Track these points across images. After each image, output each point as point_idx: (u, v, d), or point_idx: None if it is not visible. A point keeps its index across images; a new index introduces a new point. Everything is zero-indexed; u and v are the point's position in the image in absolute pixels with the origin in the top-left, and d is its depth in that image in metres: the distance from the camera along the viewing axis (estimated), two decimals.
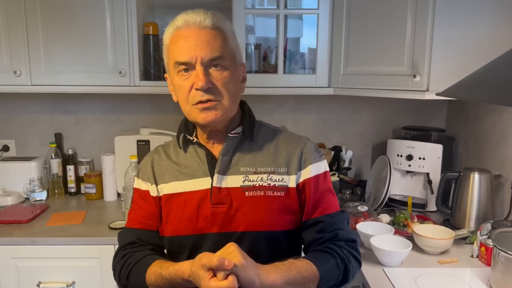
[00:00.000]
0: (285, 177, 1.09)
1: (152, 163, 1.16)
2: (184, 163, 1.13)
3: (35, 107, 2.28)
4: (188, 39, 1.01)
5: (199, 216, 1.07)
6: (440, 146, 1.96)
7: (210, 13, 1.05)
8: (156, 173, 1.14)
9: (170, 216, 1.10)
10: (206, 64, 1.01)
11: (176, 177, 1.12)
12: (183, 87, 1.03)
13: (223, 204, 1.07)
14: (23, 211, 1.93)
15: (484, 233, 1.50)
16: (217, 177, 1.08)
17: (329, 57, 1.89)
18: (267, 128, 1.18)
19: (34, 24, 1.84)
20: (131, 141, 2.11)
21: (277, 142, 1.14)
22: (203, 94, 1.01)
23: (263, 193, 1.07)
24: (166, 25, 2.13)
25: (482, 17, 1.55)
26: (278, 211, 1.08)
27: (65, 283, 1.69)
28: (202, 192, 1.09)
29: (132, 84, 1.90)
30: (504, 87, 0.95)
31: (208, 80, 1.01)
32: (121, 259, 1.11)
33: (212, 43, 1.01)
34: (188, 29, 1.02)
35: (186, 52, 1.01)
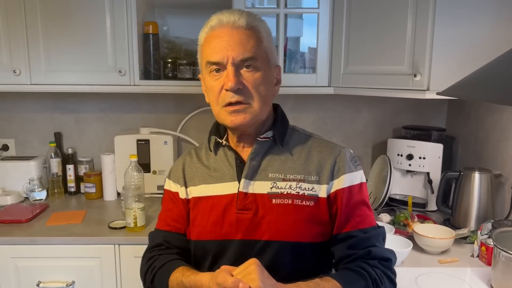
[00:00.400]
0: (316, 186, 1.04)
1: (183, 165, 1.16)
2: (214, 166, 1.12)
3: (34, 106, 2.28)
4: (221, 39, 1.00)
5: (224, 221, 1.05)
6: (441, 145, 1.96)
7: (245, 13, 1.03)
8: (186, 175, 1.14)
9: (197, 219, 1.09)
10: (238, 64, 1.00)
11: (205, 180, 1.11)
12: (214, 88, 1.02)
13: (249, 210, 1.04)
14: (23, 210, 1.93)
15: (484, 233, 1.50)
16: (244, 182, 1.06)
17: (329, 56, 1.89)
18: (300, 133, 1.14)
19: (33, 23, 1.84)
20: (131, 141, 2.11)
21: (309, 148, 1.10)
22: (232, 95, 0.99)
23: (291, 202, 1.03)
24: (166, 24, 2.17)
25: (482, 17, 1.54)
26: (306, 221, 1.03)
27: (65, 282, 1.69)
28: (229, 196, 1.07)
29: (132, 84, 1.90)
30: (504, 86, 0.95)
31: (238, 80, 0.99)
32: (147, 262, 1.12)
33: (245, 43, 0.99)
34: (222, 29, 1.01)
35: (217, 52, 0.99)
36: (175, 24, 2.19)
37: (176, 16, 2.20)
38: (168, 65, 2.04)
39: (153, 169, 2.13)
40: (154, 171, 2.13)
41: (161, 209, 1.19)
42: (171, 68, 2.04)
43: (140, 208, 1.72)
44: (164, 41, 2.12)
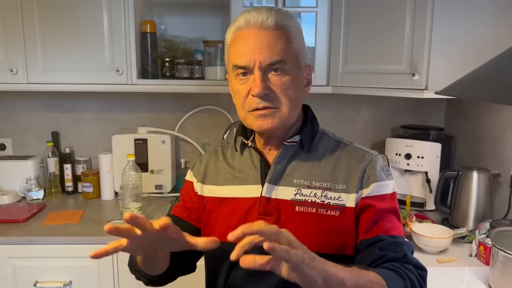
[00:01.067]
0: (343, 195, 0.98)
1: (207, 161, 1.13)
2: (238, 166, 1.08)
3: (32, 105, 2.27)
4: (248, 41, 0.94)
5: None
6: (439, 145, 1.96)
7: (274, 11, 0.97)
8: (208, 172, 1.11)
9: (219, 220, 1.05)
10: (265, 68, 0.94)
11: (229, 181, 1.07)
12: (240, 92, 0.97)
13: (271, 216, 0.99)
14: (20, 210, 1.92)
15: (482, 232, 1.50)
16: (267, 187, 1.01)
17: (327, 56, 1.88)
18: (330, 138, 1.08)
19: (30, 22, 1.83)
20: (128, 140, 2.10)
21: (338, 155, 1.04)
22: (259, 101, 0.95)
23: (315, 211, 0.98)
24: (163, 23, 2.17)
25: (481, 15, 1.54)
26: (330, 232, 0.97)
27: (62, 282, 1.68)
28: (252, 200, 1.03)
29: (129, 83, 1.89)
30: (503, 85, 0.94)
31: (265, 86, 0.94)
32: None
33: (273, 46, 0.94)
34: (249, 30, 0.95)
35: (244, 55, 0.94)
36: (173, 23, 2.19)
37: (174, 15, 2.19)
38: (166, 64, 2.04)
39: (150, 169, 2.12)
40: (152, 170, 2.12)
41: (180, 196, 1.17)
42: (169, 67, 2.04)
43: (137, 207, 1.71)
44: (161, 40, 2.11)
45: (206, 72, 2.01)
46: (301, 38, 1.02)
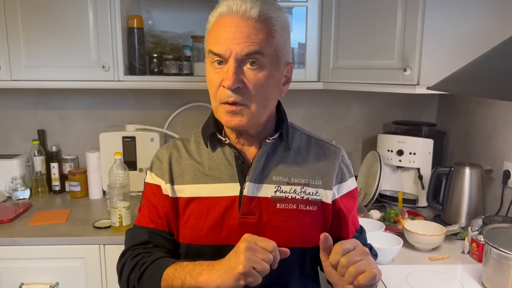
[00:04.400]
0: (320, 190, 1.02)
1: (170, 159, 1.04)
2: (209, 164, 1.02)
3: (17, 103, 2.21)
4: (227, 30, 0.90)
5: (223, 226, 0.98)
6: (431, 141, 1.94)
7: (260, 1, 0.92)
8: (174, 171, 1.03)
9: (190, 222, 1.00)
10: (241, 59, 0.90)
11: (198, 179, 1.01)
12: (213, 81, 0.94)
13: (253, 215, 0.98)
14: (5, 210, 1.88)
15: (475, 229, 1.48)
16: (249, 185, 0.98)
17: (318, 51, 1.85)
18: (301, 133, 1.08)
19: (13, 17, 1.78)
20: (116, 138, 2.06)
21: (312, 151, 1.05)
22: (230, 94, 0.91)
23: (295, 207, 0.99)
24: (151, 18, 2.12)
25: (472, 11, 1.53)
26: (310, 226, 1.01)
27: (49, 284, 1.65)
28: (229, 199, 0.99)
29: (116, 79, 1.85)
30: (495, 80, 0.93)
31: (237, 79, 0.90)
32: (133, 259, 0.99)
33: (253, 37, 0.90)
34: (230, 18, 0.91)
35: (221, 43, 0.90)
36: (161, 18, 2.15)
37: (162, 10, 2.15)
38: (153, 60, 2.00)
39: (139, 167, 2.08)
40: (140, 168, 2.08)
41: (141, 204, 1.08)
42: (156, 63, 2.00)
43: (125, 207, 1.68)
44: (149, 36, 2.07)
45: (195, 68, 1.98)
46: (286, 34, 0.97)
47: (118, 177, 1.70)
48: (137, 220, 1.07)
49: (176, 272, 0.91)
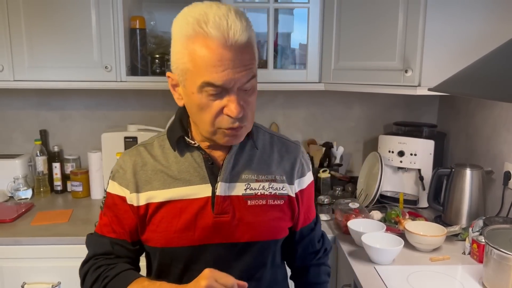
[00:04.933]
0: (285, 185, 1.07)
1: (134, 167, 1.02)
2: (178, 168, 1.02)
3: (19, 103, 2.22)
4: (224, 60, 0.86)
5: (197, 227, 0.99)
6: (432, 142, 1.95)
7: (243, 19, 0.89)
8: (139, 179, 1.01)
9: (161, 226, 1.00)
10: (241, 87, 0.91)
11: (169, 184, 1.00)
12: (210, 109, 0.91)
13: (227, 213, 1.00)
14: (7, 210, 1.89)
15: (476, 230, 1.49)
16: (221, 185, 1.00)
17: (319, 52, 1.86)
18: (264, 132, 1.11)
19: (16, 18, 1.79)
20: (118, 138, 2.07)
21: (276, 148, 1.10)
22: (235, 121, 0.91)
23: (265, 202, 1.04)
24: (153, 19, 2.13)
25: (474, 13, 1.53)
26: (279, 219, 1.06)
27: (50, 283, 1.65)
28: (202, 200, 1.00)
29: (118, 80, 1.86)
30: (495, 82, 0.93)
31: (242, 109, 0.91)
32: (95, 270, 1.02)
33: (248, 63, 0.89)
34: (225, 49, 0.86)
35: (220, 73, 0.87)
36: (163, 19, 2.15)
37: (164, 11, 2.15)
38: (155, 61, 2.01)
39: None
40: None
41: (103, 212, 1.07)
42: (158, 64, 2.01)
43: None
44: (151, 36, 2.08)
45: None
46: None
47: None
48: (99, 227, 1.07)
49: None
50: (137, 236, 1.04)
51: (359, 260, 1.46)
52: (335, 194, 2.00)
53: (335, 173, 2.14)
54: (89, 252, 1.08)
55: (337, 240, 1.65)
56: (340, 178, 2.15)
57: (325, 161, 2.20)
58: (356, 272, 1.38)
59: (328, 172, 2.10)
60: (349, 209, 1.73)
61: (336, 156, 2.21)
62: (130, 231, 1.03)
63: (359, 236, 1.50)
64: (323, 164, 2.18)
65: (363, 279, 1.34)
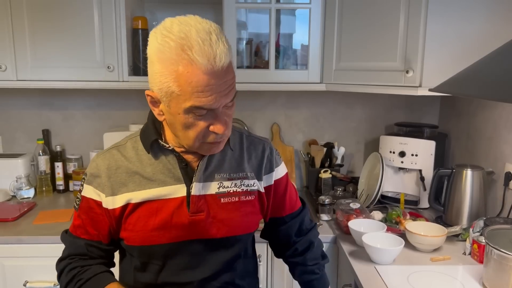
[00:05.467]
0: (256, 181, 1.12)
1: (108, 170, 1.03)
2: (151, 169, 1.04)
3: (22, 103, 2.23)
4: (213, 86, 0.89)
5: (173, 225, 1.03)
6: (433, 142, 1.95)
7: (224, 40, 0.90)
8: (114, 182, 1.03)
9: (138, 225, 1.03)
10: (225, 105, 0.95)
11: (143, 186, 1.03)
12: (197, 127, 0.94)
13: (202, 212, 1.05)
14: (10, 209, 1.89)
15: (476, 230, 1.49)
16: (196, 186, 1.04)
17: (321, 53, 1.87)
18: (234, 131, 1.13)
19: (19, 17, 1.80)
20: (120, 138, 2.02)
21: (245, 146, 1.14)
22: (220, 136, 0.98)
23: (237, 199, 1.09)
24: (155, 19, 2.14)
25: (474, 14, 1.54)
26: (252, 214, 1.12)
27: (52, 282, 1.66)
28: (177, 200, 1.04)
29: (120, 80, 1.87)
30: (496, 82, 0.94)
31: (226, 123, 0.97)
32: (70, 271, 1.06)
33: (231, 83, 0.93)
34: (212, 75, 0.88)
35: (210, 99, 0.90)
36: None
37: (166, 11, 2.16)
38: None
39: None
40: None
41: (77, 213, 1.09)
42: None
43: None
44: None
45: None
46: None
47: None
48: (73, 228, 1.10)
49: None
50: (111, 237, 1.08)
51: (360, 260, 1.46)
52: (336, 195, 2.00)
53: (336, 174, 2.15)
54: (64, 250, 1.11)
55: (338, 240, 1.65)
56: (341, 179, 2.16)
57: (327, 161, 2.20)
58: (357, 272, 1.38)
59: (329, 173, 2.11)
60: (350, 209, 1.74)
61: (337, 156, 2.22)
62: (105, 233, 1.07)
63: (359, 236, 1.51)
64: (324, 165, 2.19)
65: (363, 279, 1.34)
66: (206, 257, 1.08)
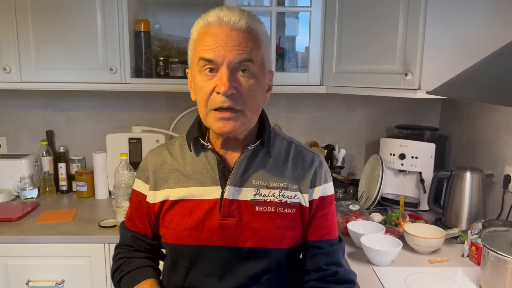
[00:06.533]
0: (298, 194, 1.05)
1: (154, 165, 1.08)
2: (192, 168, 1.06)
3: (26, 104, 2.26)
4: (217, 38, 0.92)
5: (204, 227, 1.02)
6: (433, 145, 1.96)
7: (246, 13, 0.96)
8: (158, 177, 1.07)
9: (173, 223, 1.04)
10: (233, 67, 0.93)
11: (182, 183, 1.05)
12: (204, 88, 0.95)
13: (233, 217, 1.02)
14: (13, 209, 1.92)
15: (475, 233, 1.49)
16: (229, 189, 1.02)
17: (321, 55, 1.88)
18: (282, 139, 1.11)
19: (24, 20, 1.83)
20: (123, 139, 2.10)
21: (291, 156, 1.08)
22: (224, 100, 0.93)
23: (273, 209, 1.03)
24: (158, 22, 2.16)
25: (473, 17, 1.54)
26: (287, 228, 1.05)
27: (54, 281, 1.68)
28: (211, 202, 1.03)
29: (123, 82, 1.89)
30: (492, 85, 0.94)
31: (232, 85, 0.92)
32: (118, 261, 1.14)
33: (244, 46, 0.93)
34: (220, 28, 0.93)
35: (213, 49, 0.92)
36: (167, 22, 2.18)
37: (168, 14, 2.19)
38: (160, 63, 2.03)
39: None
40: None
41: (130, 204, 1.16)
42: (163, 66, 2.03)
43: None
44: (156, 39, 2.11)
45: None
46: (268, 44, 1.02)
47: (123, 178, 1.73)
48: (126, 219, 1.17)
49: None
50: (156, 231, 1.11)
51: (358, 261, 1.47)
52: (337, 196, 2.01)
53: (336, 175, 2.16)
54: (119, 239, 1.19)
55: None
56: (341, 180, 2.16)
57: (327, 163, 2.21)
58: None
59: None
60: (349, 211, 1.75)
61: (338, 158, 2.23)
62: (151, 227, 1.11)
63: (358, 237, 1.52)
64: None
65: (361, 280, 1.35)
66: (233, 267, 1.03)
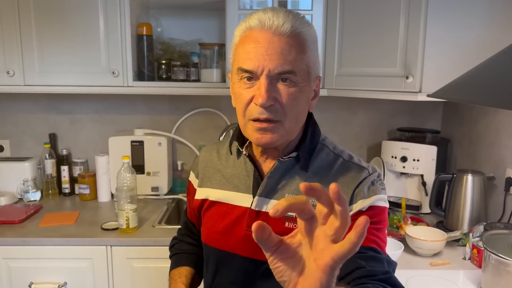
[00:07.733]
0: None
1: (203, 162, 1.11)
2: (231, 171, 1.04)
3: (29, 107, 2.28)
4: (258, 45, 0.87)
5: (232, 234, 0.99)
6: (435, 147, 1.96)
7: (292, 15, 0.89)
8: (203, 175, 1.09)
9: (208, 223, 1.04)
10: (273, 77, 0.87)
11: (222, 185, 1.04)
12: (242, 97, 0.90)
13: None
14: (17, 211, 1.93)
15: (476, 235, 1.49)
16: (258, 200, 0.97)
17: (322, 58, 1.88)
18: (329, 151, 1.00)
19: (27, 24, 1.84)
20: (125, 142, 2.11)
21: (335, 171, 0.97)
22: (262, 111, 0.87)
23: None
24: (160, 25, 2.17)
25: (474, 20, 1.55)
26: None
27: (57, 284, 1.69)
28: (242, 209, 0.99)
29: (125, 85, 1.90)
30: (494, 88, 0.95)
31: (270, 96, 0.86)
32: (173, 240, 1.25)
33: (286, 54, 0.86)
34: (261, 33, 0.87)
35: (252, 59, 0.87)
36: (169, 26, 2.20)
37: (170, 18, 2.20)
38: (162, 67, 2.05)
39: (147, 171, 2.13)
40: (148, 172, 2.13)
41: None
42: (165, 70, 2.04)
43: (132, 209, 1.71)
44: (158, 43, 2.12)
45: (202, 74, 2.02)
46: (316, 48, 0.95)
47: (126, 180, 1.74)
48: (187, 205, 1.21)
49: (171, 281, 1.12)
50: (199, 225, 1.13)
51: None
52: None
53: None
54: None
55: None
56: None
57: None
58: None
59: None
60: None
61: None
62: (197, 219, 1.14)
63: None
64: None
65: None
66: (256, 281, 0.97)
